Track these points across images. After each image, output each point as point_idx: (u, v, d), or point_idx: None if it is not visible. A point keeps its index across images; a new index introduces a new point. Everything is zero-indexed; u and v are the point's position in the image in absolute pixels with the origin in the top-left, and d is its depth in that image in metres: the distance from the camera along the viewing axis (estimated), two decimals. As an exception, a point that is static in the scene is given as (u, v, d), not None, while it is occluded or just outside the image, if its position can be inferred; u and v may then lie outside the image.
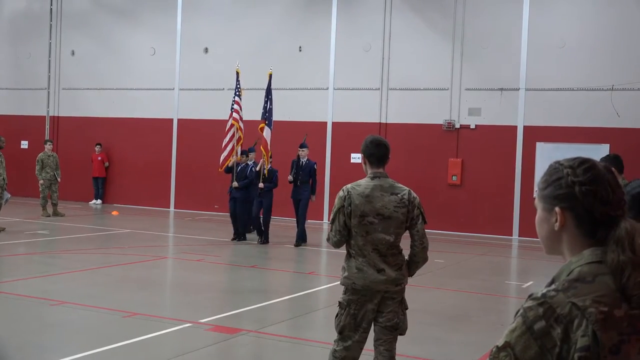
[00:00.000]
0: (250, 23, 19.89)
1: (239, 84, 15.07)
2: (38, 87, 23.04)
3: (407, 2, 18.38)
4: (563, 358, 1.64)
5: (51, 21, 22.83)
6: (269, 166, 14.24)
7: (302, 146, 14.40)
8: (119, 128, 21.62)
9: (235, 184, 14.35)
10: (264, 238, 14.24)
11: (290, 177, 14.21)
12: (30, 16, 23.25)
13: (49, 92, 22.92)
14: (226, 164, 14.46)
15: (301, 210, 14.24)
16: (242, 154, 14.54)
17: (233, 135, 14.49)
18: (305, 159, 14.27)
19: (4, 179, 14.54)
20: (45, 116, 22.98)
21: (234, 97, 14.95)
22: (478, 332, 7.80)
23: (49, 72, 22.88)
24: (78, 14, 22.54)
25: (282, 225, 17.39)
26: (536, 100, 17.14)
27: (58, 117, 22.85)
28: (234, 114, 14.70)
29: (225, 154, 14.43)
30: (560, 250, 1.83)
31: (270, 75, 14.95)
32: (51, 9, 22.82)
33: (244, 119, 14.98)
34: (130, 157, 21.53)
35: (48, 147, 17.95)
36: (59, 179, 17.88)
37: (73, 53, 22.58)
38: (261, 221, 14.26)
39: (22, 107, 23.26)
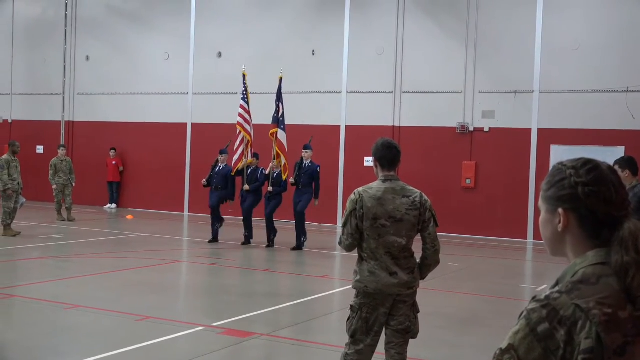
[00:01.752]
0: (263, 27, 19.94)
1: (245, 87, 14.92)
2: (53, 92, 23.20)
3: (420, 6, 18.36)
4: (567, 360, 1.63)
5: (66, 27, 22.99)
6: (279, 170, 14.10)
7: (305, 147, 14.15)
8: (133, 132, 21.73)
9: (246, 187, 14.32)
10: (269, 242, 14.13)
11: (292, 180, 13.97)
12: (45, 22, 23.43)
13: (64, 97, 23.08)
14: (236, 168, 14.43)
15: (298, 210, 13.95)
16: (253, 156, 14.52)
17: (243, 140, 14.44)
18: (308, 161, 14.02)
19: (18, 183, 14.64)
20: (60, 121, 23.14)
21: (241, 101, 14.86)
22: (490, 335, 7.76)
23: (64, 77, 23.04)
24: (92, 20, 22.68)
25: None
26: (550, 102, 17.05)
27: (73, 122, 22.99)
28: (239, 118, 14.56)
29: (236, 157, 14.43)
30: (564, 252, 1.82)
31: (281, 79, 14.86)
32: (66, 14, 22.99)
33: (257, 123, 15.01)
34: (144, 161, 21.62)
35: (61, 152, 17.92)
36: (73, 184, 17.84)
37: (87, 58, 22.73)
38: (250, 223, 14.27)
39: (37, 112, 23.43)
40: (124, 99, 21.99)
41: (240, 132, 14.44)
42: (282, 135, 14.32)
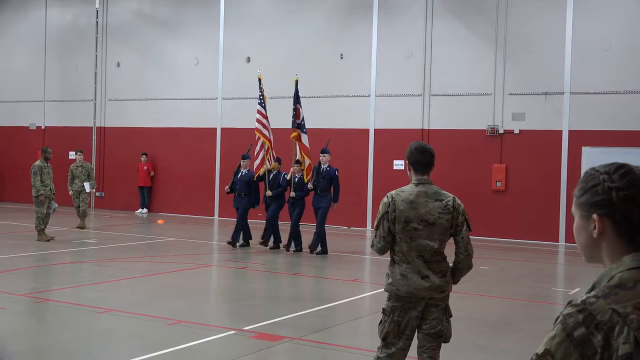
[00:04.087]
0: (291, 32, 20.02)
1: (261, 92, 14.75)
2: (85, 98, 23.50)
3: (448, 8, 18.30)
4: (604, 366, 1.62)
5: (97, 34, 23.29)
6: (301, 174, 13.98)
7: (323, 151, 13.91)
8: (164, 138, 21.92)
9: (268, 192, 14.23)
10: (296, 246, 14.02)
11: (310, 185, 13.77)
12: (76, 30, 23.76)
13: (95, 103, 23.36)
14: (258, 173, 14.36)
15: (319, 218, 13.72)
16: (276, 161, 14.44)
17: (263, 145, 14.37)
18: (326, 165, 13.80)
19: (50, 189, 14.82)
20: (92, 127, 23.43)
21: (258, 106, 14.69)
22: (523, 340, 7.70)
23: (96, 83, 23.33)
24: (123, 27, 22.95)
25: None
26: (581, 104, 16.88)
27: (104, 127, 23.27)
28: (257, 124, 14.48)
29: (257, 162, 14.38)
30: (600, 258, 1.81)
31: (297, 82, 14.72)
32: (97, 22, 23.29)
33: (287, 127, 14.99)
34: (175, 166, 21.80)
35: (78, 157, 17.37)
36: (87, 190, 17.12)
37: (118, 65, 23.00)
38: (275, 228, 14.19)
39: (69, 118, 23.75)
40: (155, 104, 22.20)
41: (259, 137, 14.39)
42: (305, 139, 14.24)
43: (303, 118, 14.38)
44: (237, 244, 14.40)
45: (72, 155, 23.16)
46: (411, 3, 18.62)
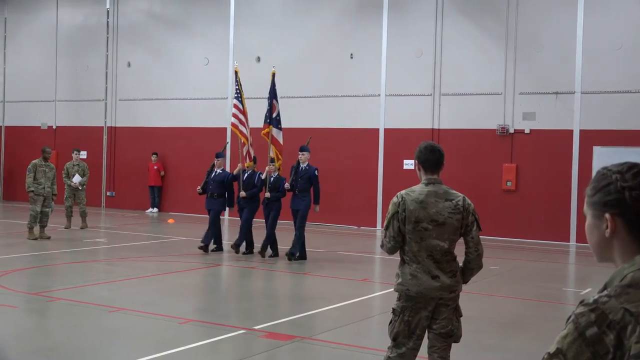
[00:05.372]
0: (301, 31, 20.03)
1: (238, 86, 13.78)
2: (95, 98, 23.59)
3: (458, 7, 18.26)
4: (616, 365, 1.62)
5: (107, 34, 23.38)
6: (277, 174, 13.16)
7: (301, 149, 12.92)
8: (174, 137, 21.98)
9: (242, 193, 13.31)
10: (273, 252, 13.10)
11: (286, 185, 12.83)
12: (87, 30, 23.85)
13: (106, 103, 23.45)
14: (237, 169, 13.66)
15: (298, 221, 12.70)
16: (252, 160, 13.62)
17: (244, 143, 13.56)
18: (305, 164, 12.78)
19: (45, 188, 14.66)
20: (102, 127, 23.52)
21: (234, 101, 13.80)
22: (534, 339, 7.69)
23: (106, 83, 23.42)
24: (133, 27, 23.03)
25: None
26: (592, 103, 16.81)
27: (115, 127, 23.35)
28: (233, 119, 13.63)
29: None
30: (612, 257, 1.81)
31: (274, 75, 13.83)
32: (107, 22, 23.37)
33: (297, 127, 14.97)
34: (185, 165, 21.85)
35: (75, 155, 17.22)
36: (76, 181, 16.81)
37: (129, 65, 23.07)
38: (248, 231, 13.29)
39: (80, 118, 23.85)
40: (165, 104, 22.27)
41: (236, 133, 13.62)
42: (276, 132, 13.29)
43: (279, 113, 13.52)
44: (209, 249, 13.61)
45: (83, 154, 23.30)
46: (421, 2, 18.60)
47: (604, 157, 16.23)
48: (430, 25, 18.45)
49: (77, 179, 16.89)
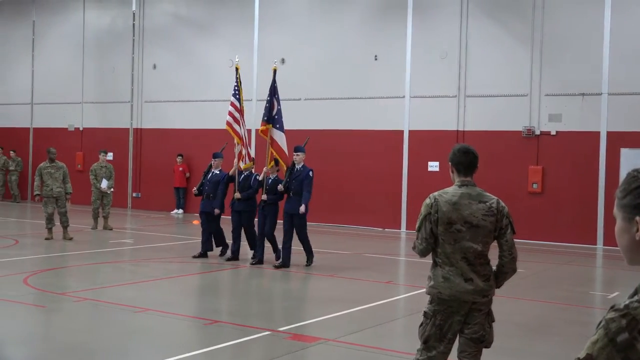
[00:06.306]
0: (326, 33, 20.04)
1: (237, 83, 13.36)
2: (121, 100, 23.80)
3: (483, 8, 18.16)
4: (648, 371, 1.60)
5: (134, 36, 23.57)
6: (275, 175, 12.64)
7: (296, 150, 12.39)
8: (199, 139, 22.08)
9: (237, 195, 12.88)
10: (277, 257, 12.46)
11: (280, 187, 12.24)
12: (113, 32, 24.07)
13: (132, 105, 23.64)
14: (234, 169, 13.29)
15: (297, 229, 12.12)
16: (251, 160, 13.34)
17: (241, 141, 13.11)
18: (300, 165, 12.23)
19: (52, 189, 14.68)
20: (128, 128, 23.72)
21: (232, 98, 13.34)
22: (561, 343, 7.62)
23: (132, 85, 23.62)
24: (159, 29, 23.20)
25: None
26: (619, 104, 16.63)
27: (141, 129, 23.53)
28: (228, 117, 13.13)
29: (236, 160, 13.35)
30: (643, 261, 1.79)
31: (275, 71, 13.32)
32: (133, 24, 23.57)
33: (325, 128, 14.93)
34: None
35: (102, 157, 17.23)
36: (104, 186, 16.79)
37: (154, 67, 23.24)
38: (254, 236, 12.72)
39: (106, 119, 24.08)
40: (190, 106, 22.40)
41: (231, 133, 13.19)
42: (279, 135, 12.73)
43: (278, 112, 12.93)
44: (226, 258, 13.04)
45: (109, 156, 23.48)
46: (446, 3, 18.52)
47: (632, 159, 16.05)
48: (455, 26, 18.37)
49: (104, 184, 16.99)
